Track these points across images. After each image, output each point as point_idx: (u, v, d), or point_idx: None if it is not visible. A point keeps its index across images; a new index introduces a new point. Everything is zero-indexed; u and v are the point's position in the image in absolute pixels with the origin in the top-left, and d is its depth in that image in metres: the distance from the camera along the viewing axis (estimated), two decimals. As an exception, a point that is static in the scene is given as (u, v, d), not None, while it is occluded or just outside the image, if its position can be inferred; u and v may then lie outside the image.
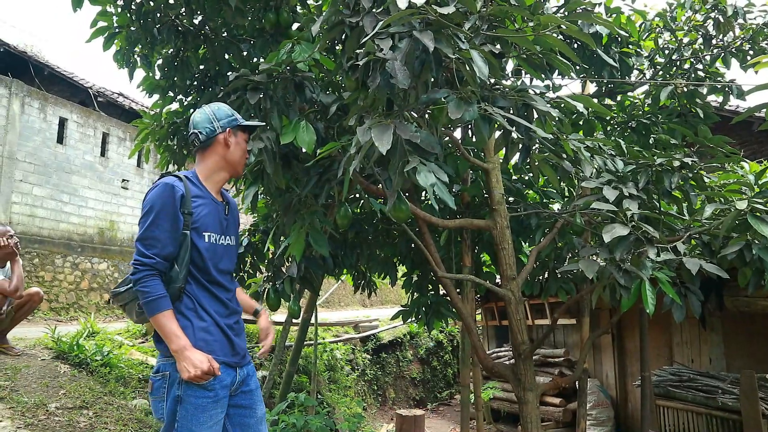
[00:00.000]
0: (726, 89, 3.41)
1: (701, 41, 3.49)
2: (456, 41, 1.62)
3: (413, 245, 3.25)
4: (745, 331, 5.11)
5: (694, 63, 3.52)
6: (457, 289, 3.12)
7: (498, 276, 2.88)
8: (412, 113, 2.02)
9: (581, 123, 3.13)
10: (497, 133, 1.97)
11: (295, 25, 3.05)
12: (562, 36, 2.42)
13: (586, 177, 2.30)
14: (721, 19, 3.33)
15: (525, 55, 2.01)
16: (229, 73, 2.87)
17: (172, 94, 3.52)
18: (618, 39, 3.19)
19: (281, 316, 6.69)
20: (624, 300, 2.06)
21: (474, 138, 3.00)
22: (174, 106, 3.59)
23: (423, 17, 1.58)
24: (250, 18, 3.06)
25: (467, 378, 3.64)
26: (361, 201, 3.26)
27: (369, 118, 1.76)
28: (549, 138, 1.97)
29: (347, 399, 6.71)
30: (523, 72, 2.76)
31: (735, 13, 3.30)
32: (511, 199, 3.20)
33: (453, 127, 2.70)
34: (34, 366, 4.09)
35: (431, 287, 3.62)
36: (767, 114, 1.93)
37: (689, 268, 2.04)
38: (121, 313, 8.94)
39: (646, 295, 1.99)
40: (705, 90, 3.46)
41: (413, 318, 3.47)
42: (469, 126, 3.24)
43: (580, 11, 2.18)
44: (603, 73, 3.17)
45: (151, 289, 1.67)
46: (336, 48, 2.64)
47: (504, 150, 1.96)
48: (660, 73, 3.61)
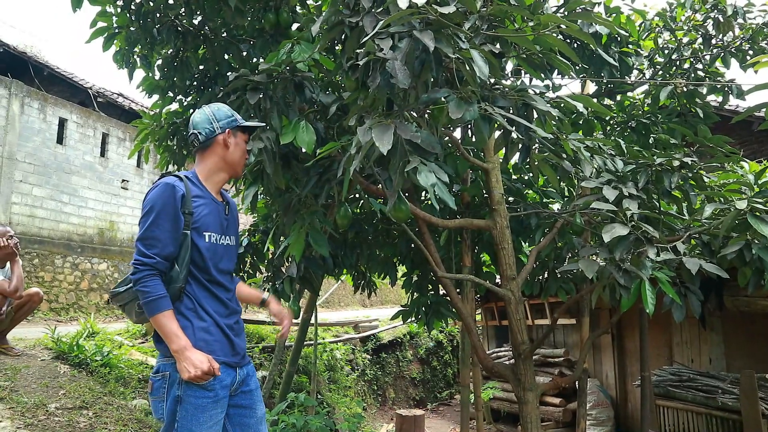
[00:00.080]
0: (726, 89, 3.41)
1: (701, 41, 3.49)
2: (456, 41, 1.62)
3: (413, 245, 3.26)
4: (745, 331, 5.11)
5: (693, 63, 3.52)
6: (457, 289, 3.12)
7: (498, 276, 2.88)
8: (411, 113, 2.02)
9: (581, 123, 3.13)
10: (497, 133, 1.97)
11: (295, 26, 3.05)
12: (561, 36, 2.42)
13: (585, 177, 2.30)
14: (721, 19, 3.34)
15: (525, 55, 2.01)
16: (229, 74, 2.87)
17: (171, 94, 3.52)
18: (617, 39, 3.19)
19: (281, 316, 6.67)
20: (624, 300, 2.06)
21: (474, 138, 3.00)
22: (174, 106, 3.59)
23: (423, 17, 1.58)
24: (249, 18, 3.06)
25: (467, 378, 3.64)
26: (361, 201, 3.26)
27: (369, 118, 1.76)
28: (549, 138, 1.97)
29: (347, 399, 6.71)
30: (523, 72, 2.76)
31: (735, 13, 3.30)
32: (511, 199, 3.20)
33: (453, 127, 2.70)
34: (34, 366, 4.09)
35: (431, 287, 3.62)
36: (767, 113, 1.93)
37: (689, 267, 2.04)
38: (121, 314, 8.92)
39: (645, 295, 1.99)
40: (705, 90, 3.46)
41: (413, 318, 3.47)
42: (469, 126, 3.24)
43: (579, 11, 2.18)
44: (603, 73, 3.17)
45: (152, 289, 1.66)
46: (336, 48, 2.64)
47: (504, 150, 1.96)
48: (660, 73, 3.61)
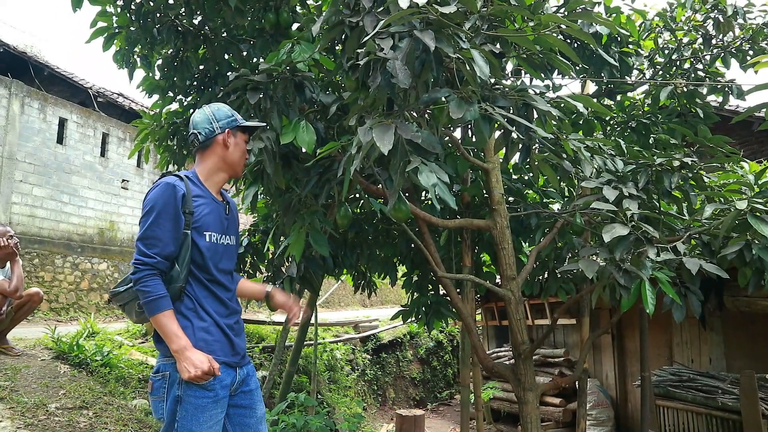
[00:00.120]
0: (726, 89, 3.41)
1: (701, 41, 3.49)
2: (457, 41, 1.62)
3: (413, 245, 3.25)
4: (745, 331, 5.11)
5: (693, 63, 3.52)
6: (457, 289, 3.12)
7: (498, 276, 2.88)
8: (412, 113, 2.02)
9: (581, 123, 3.13)
10: (497, 133, 1.97)
11: (295, 26, 3.05)
12: (561, 36, 2.42)
13: (586, 177, 2.30)
14: (721, 19, 3.34)
15: (525, 55, 2.01)
16: (229, 73, 2.87)
17: (171, 94, 3.52)
18: (618, 39, 3.19)
19: (281, 316, 6.68)
20: (624, 300, 2.06)
21: (474, 138, 3.00)
22: (174, 106, 3.59)
23: (423, 17, 1.58)
24: (249, 18, 3.06)
25: (467, 378, 3.64)
26: (361, 201, 3.26)
27: (370, 117, 1.75)
28: (549, 138, 1.97)
29: (347, 399, 6.71)
30: (523, 72, 2.76)
31: (735, 13, 3.30)
32: (511, 199, 3.20)
33: (453, 127, 2.70)
34: (34, 366, 4.09)
35: (431, 287, 3.62)
36: (767, 114, 1.93)
37: (689, 268, 2.04)
38: (121, 314, 8.92)
39: (646, 295, 1.99)
40: (705, 90, 3.46)
41: (413, 318, 3.47)
42: (469, 126, 3.24)
43: (580, 11, 2.18)
44: (603, 73, 3.17)
45: (152, 289, 1.66)
46: (336, 48, 2.64)
47: (504, 150, 1.96)
48: (660, 73, 3.61)
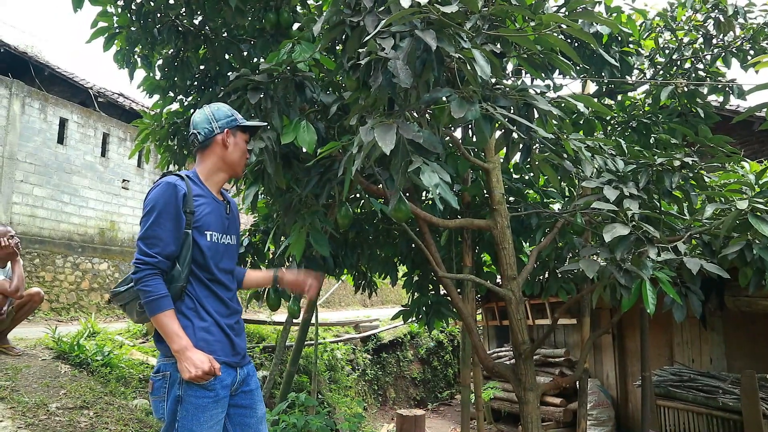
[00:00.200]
0: (726, 89, 3.41)
1: (702, 41, 3.49)
2: (458, 40, 1.62)
3: (414, 245, 3.25)
4: (746, 331, 5.10)
5: (694, 62, 3.52)
6: (458, 289, 3.12)
7: (498, 276, 2.88)
8: (412, 113, 2.02)
9: (582, 123, 3.13)
10: (498, 133, 1.97)
11: (296, 25, 3.05)
12: (562, 35, 2.42)
13: (586, 177, 2.30)
14: (722, 19, 3.33)
15: (526, 55, 2.01)
16: (230, 73, 2.87)
17: (172, 94, 3.52)
18: (618, 38, 3.19)
19: (281, 316, 6.69)
20: (624, 300, 2.06)
21: (475, 138, 3.00)
22: (174, 106, 3.59)
23: (425, 16, 1.58)
24: (250, 18, 3.06)
25: (468, 378, 3.64)
26: (362, 201, 3.26)
27: (370, 117, 1.76)
28: (550, 138, 1.97)
29: (348, 399, 6.71)
30: (523, 71, 2.76)
31: (735, 13, 3.30)
32: (512, 199, 3.20)
33: (453, 127, 2.70)
34: (34, 366, 4.09)
35: (432, 287, 3.62)
36: (767, 114, 1.93)
37: (690, 267, 2.04)
38: (122, 314, 8.94)
39: (646, 295, 1.99)
40: (705, 90, 3.46)
41: (414, 318, 3.47)
42: (470, 126, 3.24)
43: (580, 10, 2.18)
44: (603, 73, 3.17)
45: (153, 289, 1.66)
46: (336, 48, 2.64)
47: (505, 150, 1.96)
48: (660, 73, 3.61)
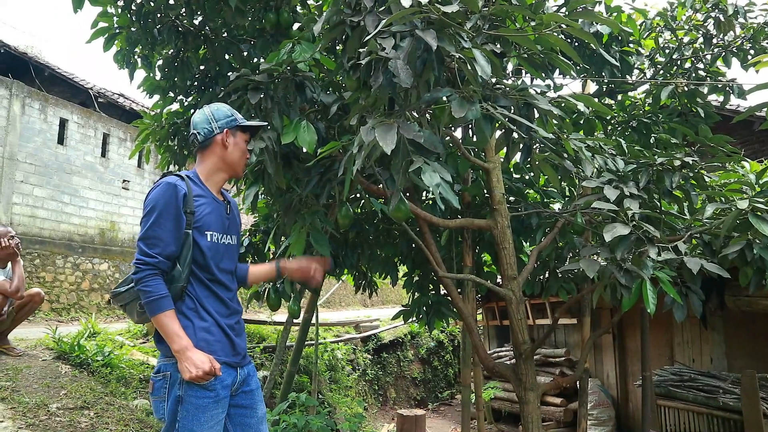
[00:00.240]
0: (727, 88, 3.41)
1: (702, 40, 3.48)
2: (458, 40, 1.62)
3: (414, 245, 3.25)
4: (747, 331, 5.10)
5: (694, 62, 3.52)
6: (458, 289, 3.12)
7: (499, 276, 2.88)
8: (412, 113, 2.02)
9: (582, 122, 3.13)
10: (498, 133, 1.97)
11: (296, 25, 3.05)
12: (562, 35, 2.42)
13: (586, 176, 2.29)
14: (722, 18, 3.33)
15: (526, 55, 2.01)
16: (230, 74, 2.88)
17: (172, 94, 3.52)
18: (618, 38, 3.19)
19: (282, 316, 6.69)
20: (625, 299, 2.06)
21: (475, 137, 2.99)
22: (174, 106, 3.59)
23: (425, 16, 1.58)
24: (250, 18, 3.06)
25: (468, 378, 3.63)
26: (362, 201, 3.26)
27: (371, 117, 1.76)
28: (550, 137, 1.97)
29: (348, 399, 6.71)
30: (524, 71, 2.76)
31: (735, 12, 3.30)
32: (512, 199, 3.20)
33: (453, 127, 2.70)
34: (35, 366, 4.09)
35: (432, 287, 3.62)
36: (768, 113, 1.93)
37: (690, 267, 2.04)
38: (122, 314, 8.93)
39: (647, 295, 1.99)
40: (706, 89, 3.46)
41: (414, 318, 3.47)
42: (470, 126, 3.24)
43: (580, 10, 2.18)
44: (603, 73, 3.17)
45: (153, 289, 1.66)
46: (336, 48, 2.64)
47: (505, 149, 1.96)
48: (660, 73, 3.61)
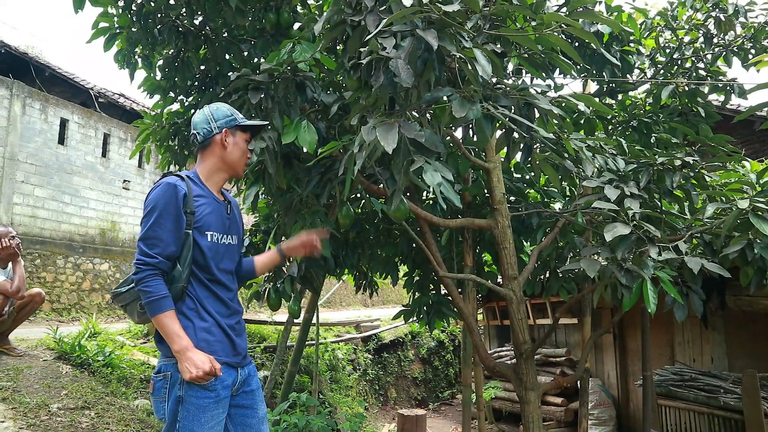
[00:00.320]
0: (727, 88, 3.40)
1: (702, 40, 3.48)
2: (459, 40, 1.62)
3: (414, 245, 3.25)
4: (747, 331, 5.10)
5: (695, 62, 3.52)
6: (459, 289, 3.12)
7: (499, 275, 2.88)
8: (413, 112, 2.02)
9: (582, 122, 3.13)
10: (498, 133, 1.97)
11: (296, 25, 3.05)
12: (563, 35, 2.42)
13: (587, 176, 2.30)
14: (722, 18, 3.33)
15: (526, 54, 2.01)
16: (230, 74, 2.88)
17: (172, 94, 3.52)
18: (619, 38, 3.18)
19: (282, 316, 6.69)
20: (625, 299, 2.06)
21: (475, 137, 2.99)
22: (175, 106, 3.60)
23: (426, 15, 1.58)
24: (250, 18, 3.06)
25: (469, 377, 3.64)
26: (362, 201, 3.26)
27: (372, 117, 1.76)
28: (551, 137, 1.97)
29: (349, 399, 6.71)
30: (524, 71, 2.76)
31: (736, 12, 3.30)
32: (513, 199, 3.20)
33: (454, 127, 2.70)
34: (36, 366, 4.09)
35: (432, 287, 3.62)
36: (769, 112, 1.93)
37: (691, 267, 2.04)
38: (123, 314, 8.93)
39: (647, 295, 1.99)
40: (706, 89, 3.45)
41: (415, 318, 3.47)
42: (470, 125, 3.24)
43: (581, 10, 2.18)
44: (604, 72, 3.16)
45: (154, 289, 1.66)
46: (337, 48, 2.64)
47: (506, 149, 1.96)
48: (661, 72, 3.60)
